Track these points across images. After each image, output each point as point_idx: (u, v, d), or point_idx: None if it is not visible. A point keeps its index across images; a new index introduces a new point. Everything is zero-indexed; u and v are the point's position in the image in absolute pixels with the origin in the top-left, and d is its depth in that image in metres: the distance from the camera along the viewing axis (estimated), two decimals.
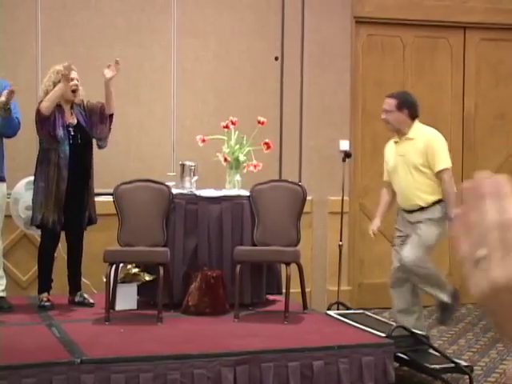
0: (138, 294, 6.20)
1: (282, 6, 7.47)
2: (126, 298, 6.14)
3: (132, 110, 7.09)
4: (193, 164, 6.47)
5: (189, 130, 7.10)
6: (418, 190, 5.86)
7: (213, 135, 6.58)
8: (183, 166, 6.50)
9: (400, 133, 5.98)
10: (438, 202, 5.85)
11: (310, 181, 7.26)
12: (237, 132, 6.54)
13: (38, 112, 5.98)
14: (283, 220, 6.28)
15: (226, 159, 6.47)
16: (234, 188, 6.39)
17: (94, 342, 5.19)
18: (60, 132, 6.01)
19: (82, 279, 6.35)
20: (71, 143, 6.06)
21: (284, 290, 6.08)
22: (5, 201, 6.15)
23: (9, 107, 5.88)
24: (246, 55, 7.38)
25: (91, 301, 6.23)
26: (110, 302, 5.93)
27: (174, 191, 6.30)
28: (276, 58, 7.47)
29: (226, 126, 6.55)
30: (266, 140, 6.61)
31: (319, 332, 5.63)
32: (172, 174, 6.71)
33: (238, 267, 5.93)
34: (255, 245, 6.21)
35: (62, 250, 6.37)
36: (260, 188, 6.35)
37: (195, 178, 6.45)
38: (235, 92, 7.36)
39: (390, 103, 5.95)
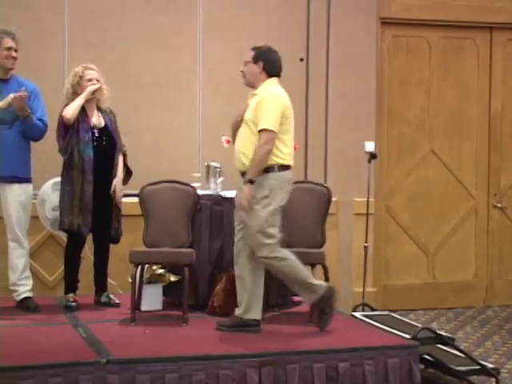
0: (164, 294, 6.22)
1: (307, 7, 7.46)
2: (152, 299, 6.16)
3: (158, 111, 7.11)
4: (218, 165, 6.48)
5: (214, 131, 7.11)
6: (244, 148, 5.45)
7: None
8: (208, 167, 6.52)
9: (255, 88, 5.59)
10: (264, 169, 5.39)
11: (335, 182, 7.25)
12: None
13: (62, 119, 6.00)
14: (308, 221, 6.26)
15: None
16: None
17: (120, 343, 5.21)
18: (83, 135, 6.03)
19: (108, 280, 6.38)
20: (95, 145, 6.08)
21: None
22: (31, 202, 6.19)
23: (27, 113, 5.90)
24: None
25: (117, 301, 6.26)
26: (136, 303, 5.96)
27: (200, 192, 6.31)
28: (301, 60, 7.46)
29: None
30: None
31: (344, 333, 5.61)
32: (197, 175, 6.72)
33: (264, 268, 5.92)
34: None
35: (88, 251, 6.40)
36: None
37: (221, 179, 6.46)
38: None
39: (249, 54, 5.63)
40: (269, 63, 5.59)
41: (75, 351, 4.98)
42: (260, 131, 5.40)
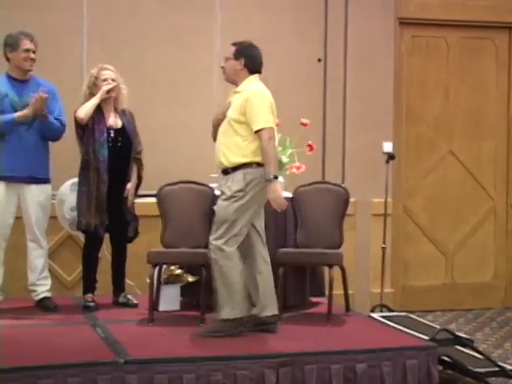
0: (181, 294, 6.24)
1: (324, 8, 7.44)
2: (170, 299, 6.17)
3: (174, 112, 7.12)
4: None
5: None
6: (224, 146, 5.44)
7: None
8: None
9: (235, 85, 5.57)
10: (242, 166, 5.39)
11: (353, 183, 7.23)
12: (280, 134, 6.53)
13: (76, 120, 6.02)
14: (326, 222, 6.26)
15: None
16: None
17: (138, 343, 5.22)
18: (99, 135, 6.05)
19: (126, 280, 6.40)
20: (110, 146, 6.09)
21: (327, 292, 6.07)
22: (50, 202, 6.21)
23: (44, 113, 5.92)
24: (289, 57, 7.37)
25: (135, 301, 6.27)
26: (154, 303, 5.97)
27: (217, 193, 6.31)
28: (319, 60, 7.45)
29: None
30: (309, 142, 6.59)
31: (362, 334, 5.60)
32: (215, 175, 6.72)
33: (281, 269, 5.92)
34: (298, 247, 6.20)
35: (106, 250, 6.42)
36: (303, 190, 6.34)
37: None
38: (278, 94, 7.25)
39: (230, 50, 5.54)
40: (250, 60, 5.55)
41: (93, 351, 5.00)
42: (258, 131, 5.37)
